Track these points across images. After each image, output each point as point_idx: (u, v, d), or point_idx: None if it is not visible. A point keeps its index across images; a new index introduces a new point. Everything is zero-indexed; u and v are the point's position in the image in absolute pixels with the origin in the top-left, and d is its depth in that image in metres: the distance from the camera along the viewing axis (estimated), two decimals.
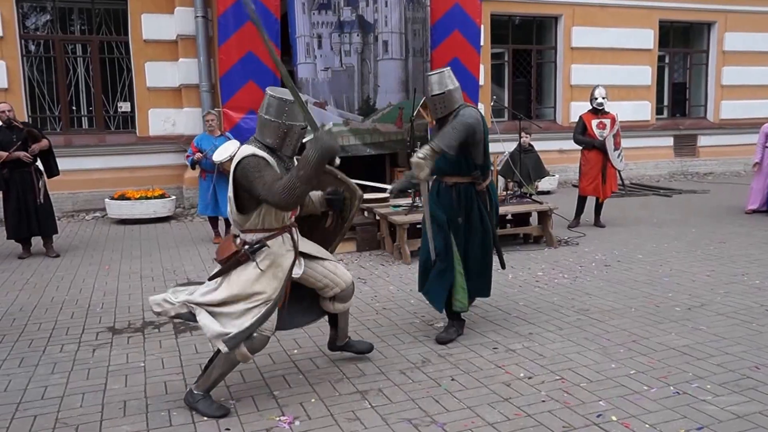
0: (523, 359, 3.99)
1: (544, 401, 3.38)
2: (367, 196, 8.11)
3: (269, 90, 3.37)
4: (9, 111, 7.28)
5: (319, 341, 4.38)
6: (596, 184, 8.34)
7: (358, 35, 10.29)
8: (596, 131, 8.30)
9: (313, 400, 3.47)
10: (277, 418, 3.24)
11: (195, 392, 3.35)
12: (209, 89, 10.60)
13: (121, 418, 3.31)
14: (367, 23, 10.32)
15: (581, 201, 8.59)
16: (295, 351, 4.22)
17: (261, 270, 3.28)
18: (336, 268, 3.72)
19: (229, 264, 3.32)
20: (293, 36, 10.08)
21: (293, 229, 3.50)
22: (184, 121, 10.93)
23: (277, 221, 3.37)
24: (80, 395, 3.60)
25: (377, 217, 7.49)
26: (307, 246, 3.63)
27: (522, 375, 3.74)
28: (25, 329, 4.84)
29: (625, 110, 13.71)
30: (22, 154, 7.13)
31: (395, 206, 7.48)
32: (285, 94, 3.33)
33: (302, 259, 3.55)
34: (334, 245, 3.87)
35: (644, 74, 14.52)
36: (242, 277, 3.29)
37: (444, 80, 4.18)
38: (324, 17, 10.09)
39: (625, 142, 8.56)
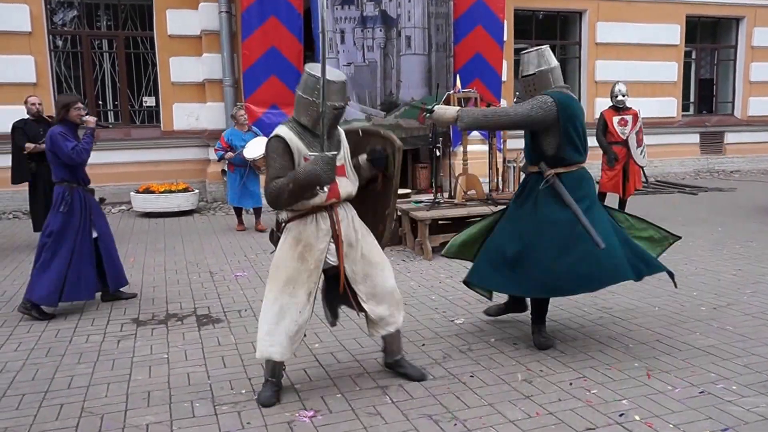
0: (544, 356, 3.97)
1: (565, 399, 3.36)
2: None
3: (307, 67, 3.33)
4: (39, 104, 7.39)
5: (340, 335, 4.39)
6: (616, 181, 8.26)
7: (380, 30, 10.29)
8: (617, 128, 8.21)
9: (334, 394, 3.48)
10: (298, 412, 3.26)
11: None
12: (232, 84, 10.67)
13: (145, 408, 3.35)
14: (390, 18, 10.32)
15: (601, 197, 8.50)
16: (317, 345, 4.24)
17: (288, 245, 3.30)
18: (384, 280, 3.53)
19: (272, 241, 3.46)
20: (316, 31, 10.10)
21: (335, 212, 3.37)
22: (208, 115, 11.01)
23: (305, 204, 3.30)
24: (105, 385, 3.65)
25: (399, 213, 7.48)
26: (352, 244, 3.44)
27: (543, 372, 3.72)
28: (52, 320, 4.91)
29: (650, 107, 13.54)
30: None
31: (417, 202, 7.47)
32: (317, 69, 3.19)
33: (348, 250, 3.40)
34: (390, 206, 3.62)
35: (670, 70, 14.32)
36: (277, 254, 3.37)
37: (537, 59, 3.93)
38: (347, 12, 10.12)
39: (649, 139, 8.48)
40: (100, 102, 11.39)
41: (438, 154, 7.42)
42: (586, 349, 4.08)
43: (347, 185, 3.40)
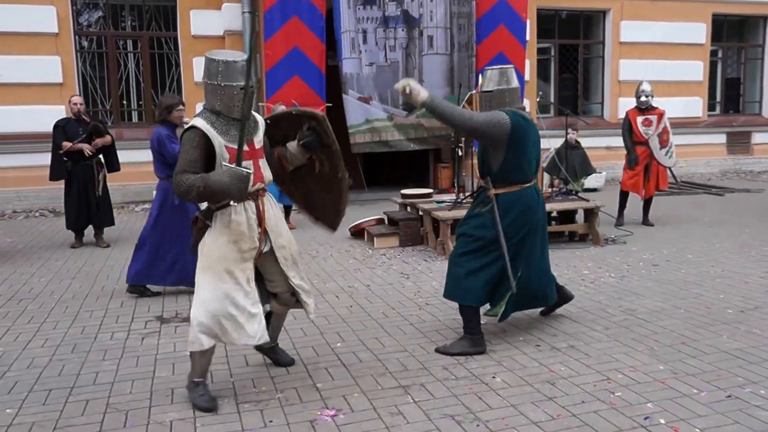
0: (567, 358, 3.94)
1: (589, 401, 3.33)
2: (410, 192, 8.14)
3: (206, 54, 3.27)
4: (80, 104, 7.54)
5: (362, 335, 4.40)
6: (636, 181, 8.17)
7: (403, 30, 10.29)
8: (641, 128, 8.11)
9: (355, 393, 3.48)
10: (320, 411, 3.27)
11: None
12: (255, 84, 10.71)
13: (168, 405, 3.38)
14: (412, 18, 10.31)
15: (623, 196, 8.43)
16: (339, 344, 4.25)
17: (220, 233, 3.23)
18: (296, 268, 3.56)
19: (195, 236, 3.32)
20: (338, 31, 10.14)
21: (261, 200, 3.36)
22: None
23: None
24: (130, 382, 3.69)
25: (420, 213, 7.47)
26: (280, 231, 3.47)
27: (566, 374, 3.69)
28: (78, 317, 4.98)
29: (675, 106, 13.36)
30: (85, 146, 7.32)
31: (439, 202, 7.45)
32: (218, 54, 3.22)
33: (269, 236, 3.40)
34: (342, 185, 3.61)
35: (696, 69, 14.14)
36: (208, 244, 3.27)
37: (498, 77, 4.08)
38: (369, 12, 10.12)
39: (674, 139, 8.35)
40: (125, 102, 11.51)
41: (460, 153, 7.40)
42: (610, 351, 4.04)
43: (265, 168, 3.40)
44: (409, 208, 7.85)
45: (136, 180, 10.77)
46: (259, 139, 3.35)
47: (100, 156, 7.63)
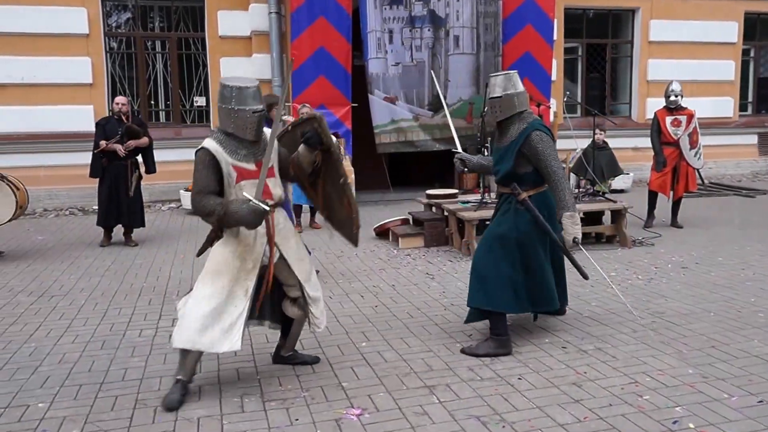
0: (594, 360, 3.90)
1: (616, 405, 3.30)
2: (435, 192, 8.13)
3: (220, 79, 3.49)
4: (123, 105, 7.60)
5: (387, 335, 4.40)
6: (664, 181, 8.07)
7: (429, 30, 10.27)
8: (670, 129, 8.00)
9: (381, 393, 3.49)
10: (346, 410, 3.28)
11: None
12: (281, 84, 10.77)
13: (196, 402, 3.42)
14: (438, 18, 10.29)
15: (651, 197, 8.32)
16: (364, 344, 4.26)
17: (227, 243, 3.38)
18: (310, 273, 3.69)
19: (204, 244, 3.44)
20: (364, 31, 10.15)
21: (272, 216, 3.46)
22: None
23: None
24: (158, 378, 3.74)
25: (445, 213, 7.46)
26: (289, 242, 3.59)
27: (593, 376, 3.66)
28: (107, 314, 5.05)
29: (705, 107, 13.17)
30: (118, 147, 7.40)
31: (464, 202, 7.43)
32: (231, 81, 3.40)
33: (280, 249, 3.52)
34: (342, 175, 3.68)
35: (727, 69, 13.90)
36: (215, 252, 3.43)
37: (504, 83, 4.10)
38: (395, 12, 10.12)
39: (704, 140, 8.23)
40: (152, 102, 11.65)
41: (486, 153, 7.36)
42: (637, 354, 4.00)
43: (276, 186, 3.53)
44: (434, 209, 7.83)
45: (162, 180, 10.85)
46: (268, 159, 3.40)
47: (137, 157, 7.73)
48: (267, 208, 3.26)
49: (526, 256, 4.09)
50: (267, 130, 3.55)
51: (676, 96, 8.00)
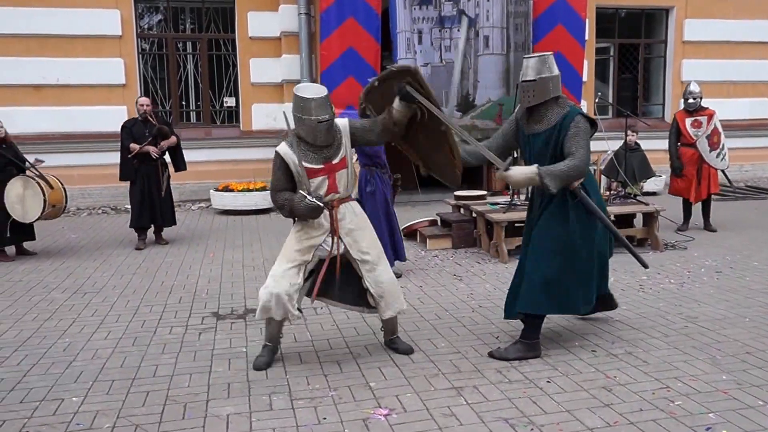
0: (625, 365, 3.85)
1: (647, 410, 3.25)
2: (463, 193, 8.09)
3: (294, 89, 3.77)
4: (147, 106, 7.65)
5: (415, 336, 4.39)
6: (686, 184, 7.93)
7: (458, 30, 10.22)
8: (690, 130, 7.87)
9: (408, 393, 3.48)
10: (374, 410, 3.28)
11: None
12: None
13: (225, 399, 3.45)
14: (468, 18, 10.24)
15: (686, 203, 8.17)
16: None
17: (294, 228, 3.83)
18: (377, 264, 3.88)
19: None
20: (394, 31, 10.14)
21: (336, 210, 3.80)
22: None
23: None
24: (188, 375, 3.78)
25: (474, 215, 7.42)
26: (356, 239, 3.84)
27: (624, 381, 3.61)
28: (138, 311, 5.12)
29: (741, 108, 12.93)
30: (151, 149, 7.48)
31: (493, 204, 7.39)
32: (301, 90, 3.69)
33: (343, 241, 3.82)
34: (444, 122, 3.81)
35: (764, 69, 13.59)
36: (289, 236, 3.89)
37: (539, 66, 3.88)
38: (425, 12, 10.10)
39: (739, 142, 8.08)
40: (183, 102, 11.79)
41: (515, 155, 7.30)
42: (670, 359, 3.93)
43: (343, 177, 3.81)
44: (462, 210, 7.80)
45: (192, 179, 10.99)
46: (339, 155, 3.78)
47: (165, 157, 7.78)
48: (321, 205, 3.64)
49: (583, 255, 3.95)
50: (340, 121, 3.85)
51: (695, 98, 7.87)
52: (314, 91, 3.70)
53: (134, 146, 7.44)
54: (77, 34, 10.55)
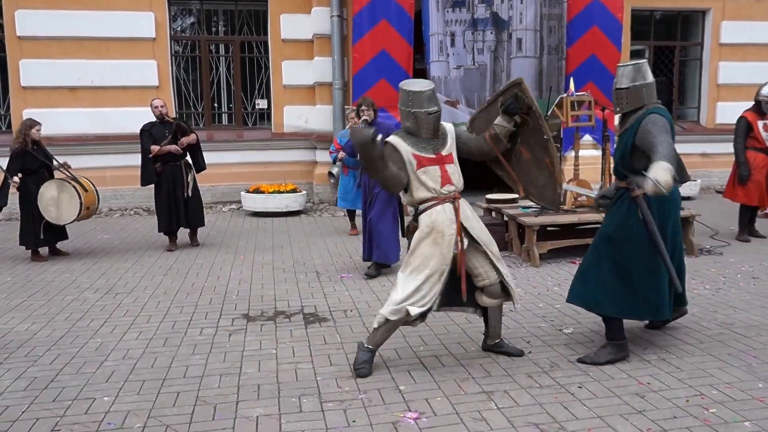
0: (657, 371, 3.78)
1: (681, 417, 3.19)
2: (495, 196, 8.03)
3: (400, 84, 3.83)
4: (162, 106, 7.56)
5: (445, 339, 4.37)
6: (754, 192, 7.41)
7: (491, 33, 10.17)
8: (763, 134, 7.37)
9: (438, 397, 3.46)
10: (403, 414, 3.26)
11: (366, 345, 3.86)
12: (341, 87, 10.85)
13: (255, 400, 3.46)
14: (501, 20, 10.18)
15: (743, 210, 7.69)
16: (421, 348, 4.23)
17: (424, 233, 3.67)
18: (494, 261, 3.83)
19: (409, 240, 3.82)
20: (426, 34, 10.12)
21: (456, 201, 3.77)
22: (317, 118, 11.26)
23: (429, 192, 3.73)
24: (218, 376, 3.80)
25: (505, 218, 7.36)
26: (475, 229, 3.81)
27: (657, 387, 3.54)
28: (169, 312, 5.18)
29: None
30: (173, 147, 7.43)
31: (525, 207, 7.32)
32: (409, 85, 3.77)
33: (467, 238, 3.76)
34: (550, 146, 3.90)
35: None
36: (413, 244, 3.73)
37: (633, 74, 3.91)
38: (458, 15, 10.06)
39: None
40: (215, 104, 11.90)
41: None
42: (704, 365, 3.85)
43: (455, 172, 3.83)
44: (494, 213, 7.75)
45: (224, 181, 11.11)
46: (447, 148, 3.82)
47: (188, 157, 7.73)
48: (369, 130, 3.55)
49: (634, 256, 3.85)
50: (445, 124, 3.91)
51: None
52: (422, 85, 3.77)
53: (155, 147, 7.35)
54: (112, 36, 10.71)
